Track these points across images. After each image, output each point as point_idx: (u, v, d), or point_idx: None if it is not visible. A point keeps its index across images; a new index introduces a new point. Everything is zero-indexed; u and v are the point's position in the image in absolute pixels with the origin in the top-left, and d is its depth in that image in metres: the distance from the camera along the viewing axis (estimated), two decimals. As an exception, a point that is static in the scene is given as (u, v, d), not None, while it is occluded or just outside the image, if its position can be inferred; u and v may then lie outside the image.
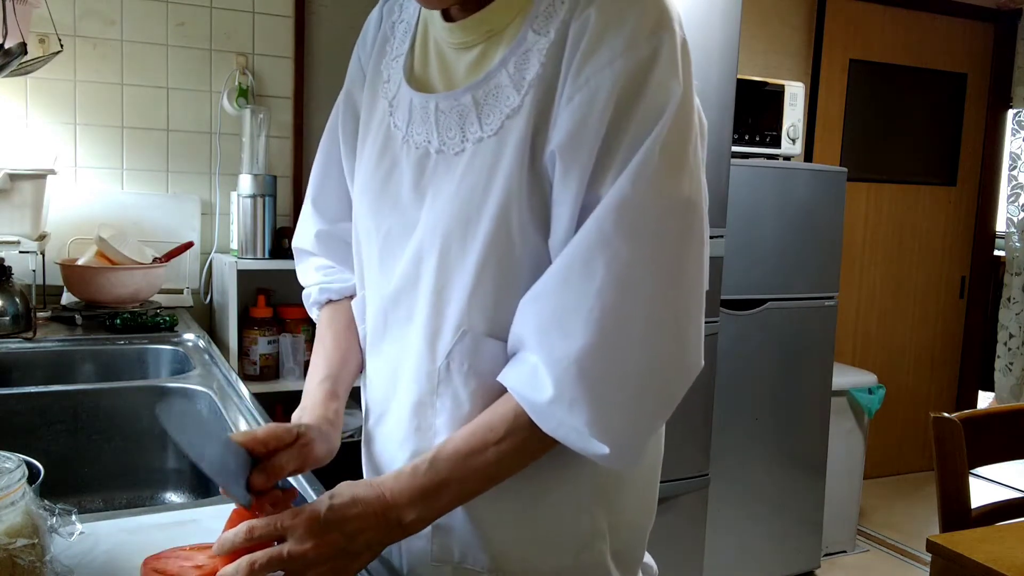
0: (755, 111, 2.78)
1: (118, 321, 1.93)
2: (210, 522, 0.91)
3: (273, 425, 0.81)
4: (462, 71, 0.84)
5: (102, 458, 1.45)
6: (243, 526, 0.72)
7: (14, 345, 1.75)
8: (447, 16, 0.84)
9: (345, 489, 0.76)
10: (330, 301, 1.03)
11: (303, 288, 1.07)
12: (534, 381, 0.75)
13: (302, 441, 0.81)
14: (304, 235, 1.06)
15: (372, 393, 0.95)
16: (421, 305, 0.84)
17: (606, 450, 0.74)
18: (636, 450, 0.77)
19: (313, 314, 1.06)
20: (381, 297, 0.89)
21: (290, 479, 0.97)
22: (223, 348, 2.17)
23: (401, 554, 0.90)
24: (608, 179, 0.74)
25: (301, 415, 0.89)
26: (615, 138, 0.74)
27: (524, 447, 0.78)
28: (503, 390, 0.80)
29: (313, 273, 1.05)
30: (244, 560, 0.70)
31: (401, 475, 0.78)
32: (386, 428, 0.91)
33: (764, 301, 2.68)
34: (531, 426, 0.76)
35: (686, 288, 0.76)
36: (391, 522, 0.75)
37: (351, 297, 1.01)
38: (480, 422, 0.79)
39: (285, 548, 0.71)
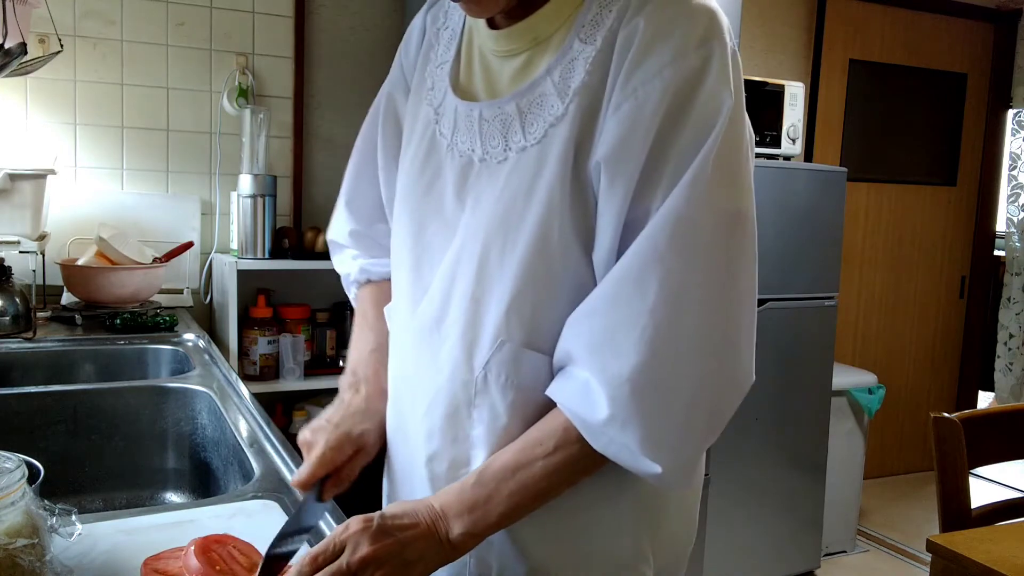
0: (755, 111, 2.78)
1: (118, 321, 1.93)
2: (209, 522, 0.91)
3: (333, 442, 0.85)
4: (506, 79, 0.83)
5: (102, 458, 1.45)
6: (306, 557, 0.72)
7: (14, 345, 1.75)
8: (492, 24, 0.83)
9: (395, 505, 0.77)
10: (369, 281, 1.05)
11: (341, 275, 1.10)
12: (587, 399, 0.74)
13: (364, 450, 0.87)
14: (339, 231, 1.07)
15: (396, 402, 0.93)
16: (457, 313, 0.82)
17: (658, 469, 0.73)
18: (688, 469, 0.76)
19: (351, 293, 1.08)
20: (415, 303, 0.88)
21: None
22: (223, 348, 2.17)
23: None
24: (658, 192, 0.73)
25: (357, 383, 0.94)
26: (664, 150, 0.72)
27: (574, 462, 0.77)
28: (542, 403, 0.79)
29: (351, 261, 1.07)
30: None
31: (450, 490, 0.78)
32: (411, 437, 0.89)
33: (764, 301, 2.68)
34: (581, 441, 0.75)
35: (737, 302, 0.75)
36: (441, 535, 0.75)
37: (389, 280, 1.01)
38: (529, 437, 0.78)
39: (344, 559, 0.70)
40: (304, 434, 0.88)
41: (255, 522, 0.92)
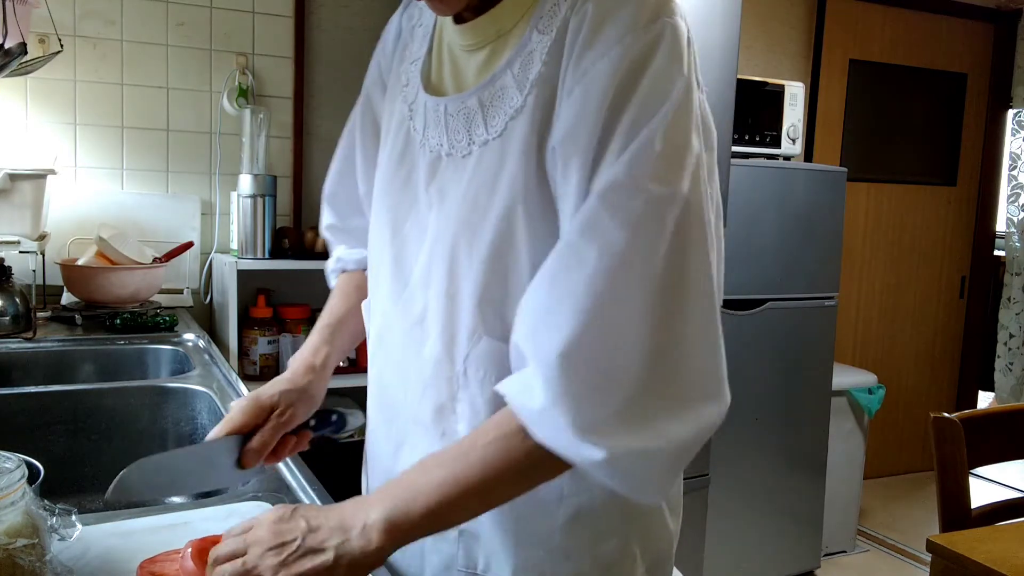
0: (755, 111, 2.78)
1: (118, 321, 1.93)
2: (202, 524, 0.91)
3: (244, 404, 0.87)
4: (472, 73, 0.84)
5: (102, 458, 1.45)
6: (210, 558, 0.72)
7: (14, 345, 1.75)
8: (459, 19, 0.84)
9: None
10: (345, 271, 1.09)
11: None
12: (525, 384, 0.70)
13: (278, 413, 0.88)
14: (321, 227, 1.13)
15: (380, 398, 0.93)
16: (435, 309, 0.83)
17: (600, 454, 0.67)
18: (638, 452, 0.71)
19: (331, 282, 1.12)
20: (397, 297, 0.88)
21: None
22: (223, 348, 2.17)
23: (424, 561, 0.87)
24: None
25: (294, 358, 0.97)
26: (613, 127, 0.71)
27: (511, 455, 0.71)
28: None
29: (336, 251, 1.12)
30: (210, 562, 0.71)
31: (387, 480, 0.77)
32: (399, 437, 0.89)
33: (764, 301, 2.68)
34: (521, 433, 0.70)
35: (689, 294, 0.70)
36: (356, 519, 0.70)
37: (364, 270, 1.05)
38: (477, 428, 0.76)
39: (243, 536, 0.71)
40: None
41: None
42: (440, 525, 0.74)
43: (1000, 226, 4.12)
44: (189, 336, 1.93)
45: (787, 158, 2.88)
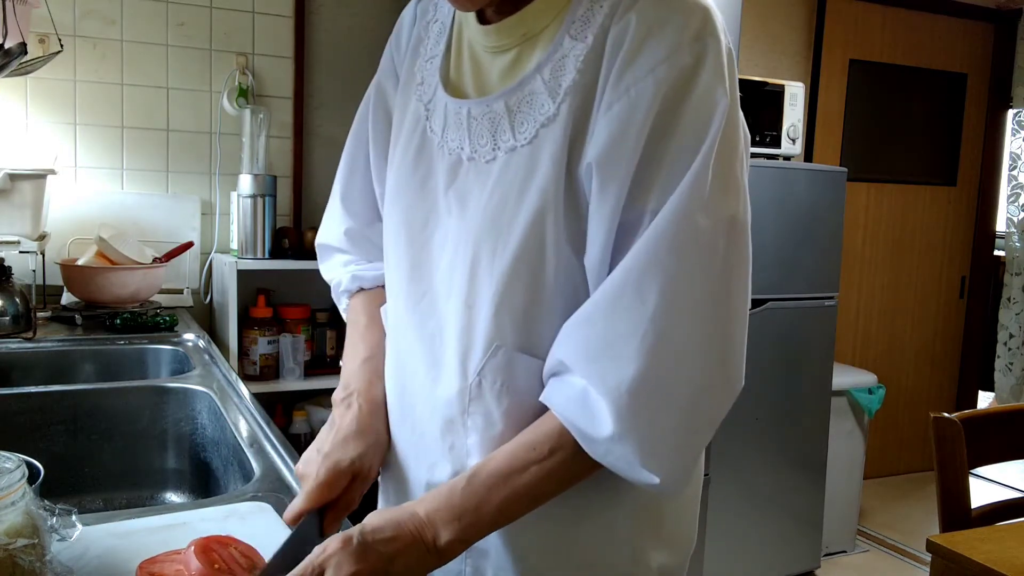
0: (755, 111, 2.78)
1: (118, 321, 1.93)
2: (201, 524, 0.91)
3: (323, 477, 0.80)
4: (496, 76, 0.81)
5: (102, 458, 1.45)
6: None
7: (14, 345, 1.75)
8: (482, 18, 0.81)
9: (376, 516, 0.74)
10: (361, 289, 1.00)
11: (329, 283, 1.04)
12: (586, 409, 0.72)
13: (362, 476, 0.83)
14: (331, 232, 1.03)
15: (391, 406, 0.91)
16: (452, 318, 0.81)
17: (656, 479, 0.71)
18: (684, 475, 0.75)
19: (342, 304, 1.03)
20: (414, 305, 0.86)
21: None
22: (223, 348, 2.17)
23: None
24: (652, 195, 0.71)
25: (348, 397, 0.89)
26: (657, 150, 0.71)
27: (568, 468, 0.75)
28: (537, 409, 0.77)
29: (340, 268, 1.02)
30: None
31: (438, 495, 0.75)
32: (409, 448, 0.88)
33: (764, 301, 2.68)
34: (576, 447, 0.73)
35: (734, 308, 0.74)
36: (428, 543, 0.72)
37: (382, 287, 0.98)
38: (522, 440, 0.76)
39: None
40: (298, 466, 0.85)
41: (248, 524, 0.91)
42: (499, 528, 0.77)
43: (1000, 226, 4.12)
44: (189, 336, 1.93)
45: (787, 158, 2.88)
